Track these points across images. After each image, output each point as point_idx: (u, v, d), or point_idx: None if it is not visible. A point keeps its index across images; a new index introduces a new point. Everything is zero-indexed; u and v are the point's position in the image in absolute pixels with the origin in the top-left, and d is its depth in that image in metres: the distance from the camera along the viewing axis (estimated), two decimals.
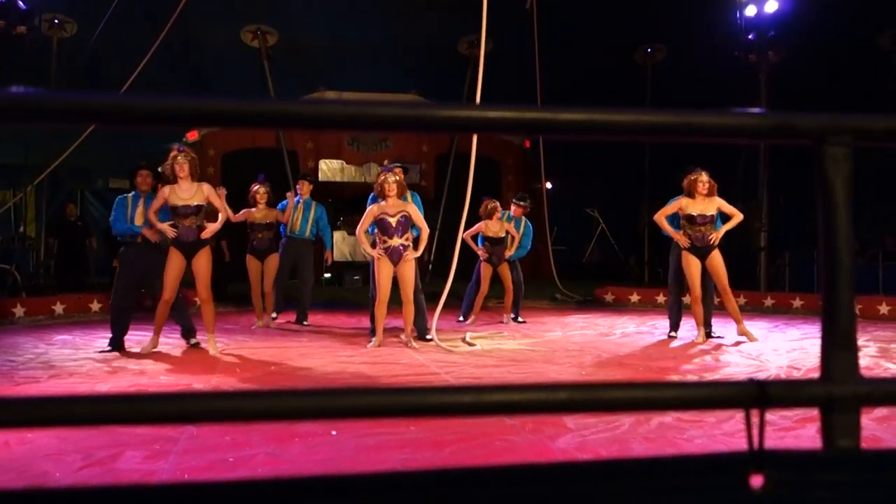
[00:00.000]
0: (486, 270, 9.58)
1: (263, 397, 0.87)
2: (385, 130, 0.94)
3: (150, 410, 0.85)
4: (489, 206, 9.52)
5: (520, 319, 9.84)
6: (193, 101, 0.87)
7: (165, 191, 6.58)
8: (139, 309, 8.38)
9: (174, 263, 6.60)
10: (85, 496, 0.83)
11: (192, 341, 7.07)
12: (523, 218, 10.02)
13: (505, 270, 9.64)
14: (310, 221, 9.30)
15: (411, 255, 7.15)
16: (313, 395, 0.89)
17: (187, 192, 6.60)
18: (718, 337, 7.90)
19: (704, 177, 7.43)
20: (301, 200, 9.26)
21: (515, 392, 0.94)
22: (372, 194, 7.86)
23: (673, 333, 8.12)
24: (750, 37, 13.09)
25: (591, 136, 0.94)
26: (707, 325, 7.88)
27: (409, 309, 7.22)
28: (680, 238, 7.51)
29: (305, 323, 9.24)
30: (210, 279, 6.74)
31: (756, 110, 0.99)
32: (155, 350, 6.81)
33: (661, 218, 7.58)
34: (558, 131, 0.93)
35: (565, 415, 4.42)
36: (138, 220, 6.83)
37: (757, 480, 0.97)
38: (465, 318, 9.77)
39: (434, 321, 7.39)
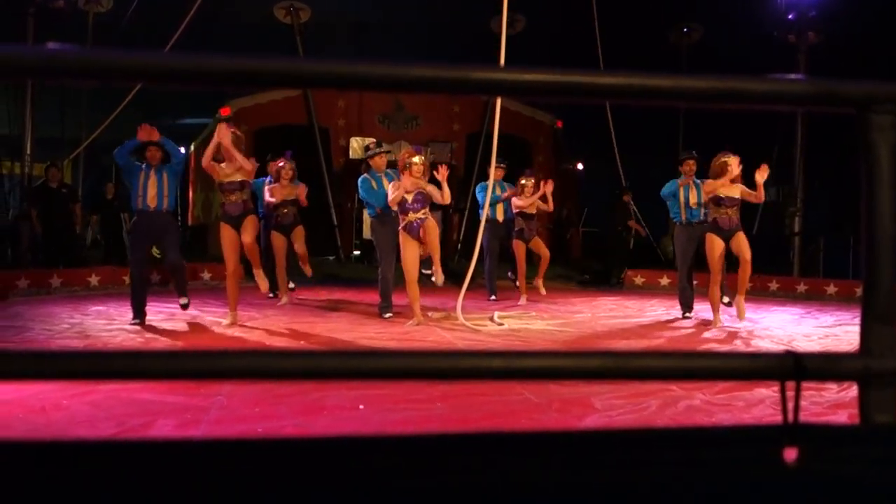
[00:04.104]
0: (519, 248, 9.53)
1: (297, 356, 0.87)
2: (419, 91, 0.93)
3: (186, 367, 0.85)
4: (521, 182, 9.49)
5: (492, 298, 9.78)
6: (232, 61, 0.87)
7: (217, 167, 6.84)
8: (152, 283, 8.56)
9: (227, 237, 6.85)
10: (122, 450, 0.85)
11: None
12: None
13: (538, 244, 9.56)
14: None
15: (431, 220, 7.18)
16: (346, 356, 0.89)
17: (232, 168, 6.82)
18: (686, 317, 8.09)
19: (735, 161, 7.36)
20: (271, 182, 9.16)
21: (546, 358, 0.93)
22: (362, 176, 7.81)
23: (688, 314, 8.16)
24: (790, 17, 12.81)
25: (630, 100, 0.92)
26: (689, 308, 8.16)
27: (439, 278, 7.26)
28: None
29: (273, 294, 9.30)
30: (254, 254, 6.96)
31: (800, 77, 0.97)
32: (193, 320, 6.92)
33: (713, 193, 7.47)
34: (597, 95, 0.91)
35: (597, 382, 4.42)
36: (151, 202, 6.83)
37: (791, 454, 0.96)
38: (495, 296, 9.76)
39: (460, 301, 7.36)
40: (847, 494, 0.97)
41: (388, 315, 7.62)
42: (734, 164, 7.31)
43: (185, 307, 7.30)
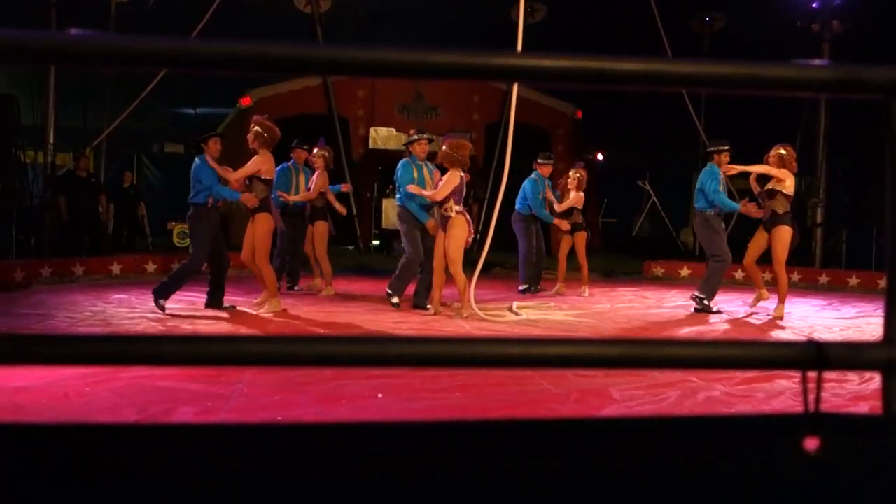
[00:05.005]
0: (564, 242, 9.54)
1: (316, 343, 0.88)
2: (437, 77, 0.92)
3: (206, 352, 0.86)
4: (570, 175, 9.43)
5: (523, 289, 9.68)
6: (255, 47, 0.87)
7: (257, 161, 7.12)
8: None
9: (246, 228, 7.25)
10: (143, 433, 0.86)
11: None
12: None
13: (580, 240, 9.44)
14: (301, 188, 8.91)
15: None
16: (365, 342, 0.90)
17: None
18: (717, 312, 7.88)
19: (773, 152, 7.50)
20: (300, 169, 8.89)
21: (566, 345, 0.93)
22: (404, 160, 7.76)
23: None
24: (814, 5, 12.64)
25: (652, 87, 0.91)
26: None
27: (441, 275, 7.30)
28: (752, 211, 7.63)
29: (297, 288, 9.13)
30: (256, 246, 7.02)
31: (824, 62, 0.96)
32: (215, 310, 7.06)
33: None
34: (619, 82, 0.90)
35: (616, 373, 4.42)
36: (235, 186, 7.10)
37: (812, 444, 0.95)
38: (530, 287, 9.62)
39: (472, 290, 7.29)
40: (868, 484, 0.96)
41: (394, 300, 7.57)
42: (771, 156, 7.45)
43: (232, 308, 7.33)
